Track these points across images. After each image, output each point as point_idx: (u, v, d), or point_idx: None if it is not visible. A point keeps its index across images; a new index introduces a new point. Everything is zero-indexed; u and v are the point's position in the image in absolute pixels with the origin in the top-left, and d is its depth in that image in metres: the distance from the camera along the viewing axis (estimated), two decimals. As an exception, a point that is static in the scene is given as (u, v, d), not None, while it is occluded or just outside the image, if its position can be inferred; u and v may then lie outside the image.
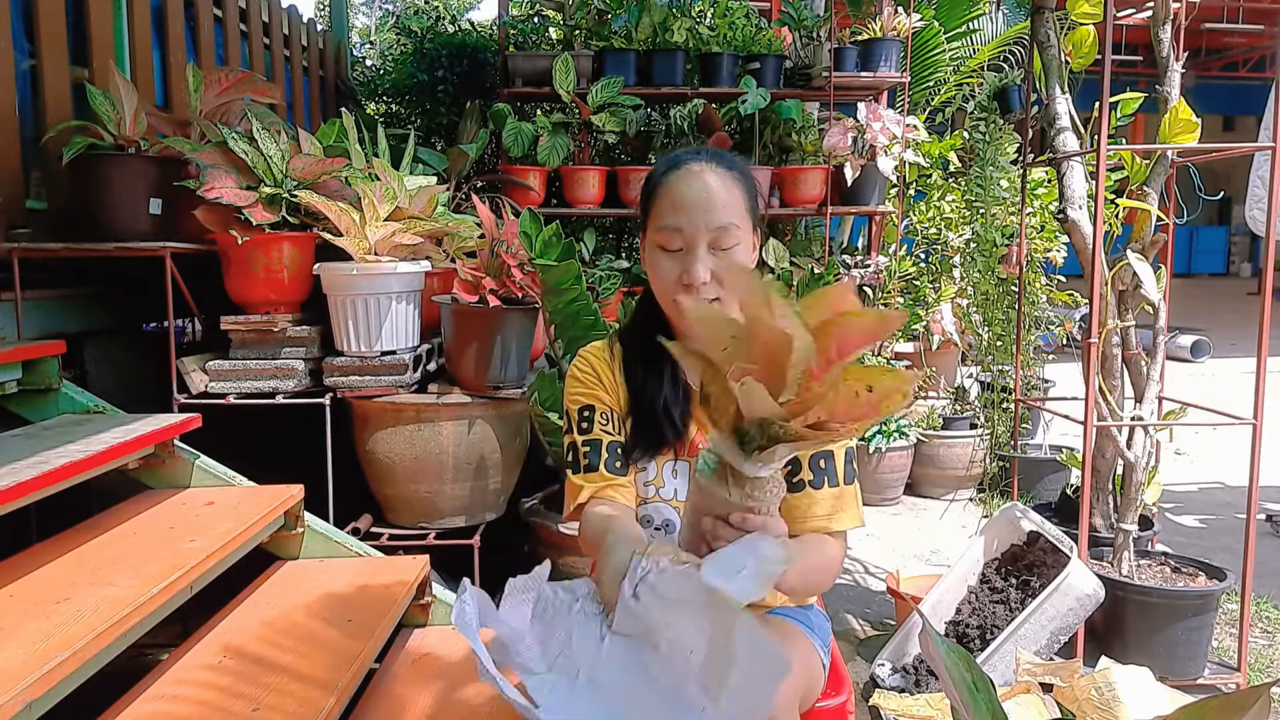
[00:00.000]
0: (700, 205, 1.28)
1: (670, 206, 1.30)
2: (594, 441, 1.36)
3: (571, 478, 1.37)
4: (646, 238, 1.36)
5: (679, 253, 1.30)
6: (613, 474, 1.35)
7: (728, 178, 1.31)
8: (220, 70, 2.81)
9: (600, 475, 1.34)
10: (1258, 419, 2.31)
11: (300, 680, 1.66)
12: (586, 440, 1.36)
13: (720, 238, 1.29)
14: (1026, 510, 2.54)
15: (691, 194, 1.29)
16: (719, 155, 1.35)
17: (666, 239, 1.30)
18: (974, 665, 0.83)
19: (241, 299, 2.48)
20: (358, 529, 2.50)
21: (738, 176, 1.33)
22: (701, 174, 1.30)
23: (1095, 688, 1.71)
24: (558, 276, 2.30)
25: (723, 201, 1.29)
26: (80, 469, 1.79)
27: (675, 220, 1.29)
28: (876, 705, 2.08)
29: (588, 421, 1.37)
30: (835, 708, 1.42)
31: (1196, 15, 2.62)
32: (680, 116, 4.33)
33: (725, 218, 1.29)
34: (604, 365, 1.42)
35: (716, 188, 1.29)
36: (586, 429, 1.37)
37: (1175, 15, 2.41)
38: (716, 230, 1.28)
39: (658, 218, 1.32)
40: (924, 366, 4.46)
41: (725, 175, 1.31)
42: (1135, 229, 2.52)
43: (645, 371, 1.37)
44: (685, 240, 1.29)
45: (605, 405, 1.38)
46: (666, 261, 1.31)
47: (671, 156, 1.36)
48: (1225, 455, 4.63)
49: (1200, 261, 16.49)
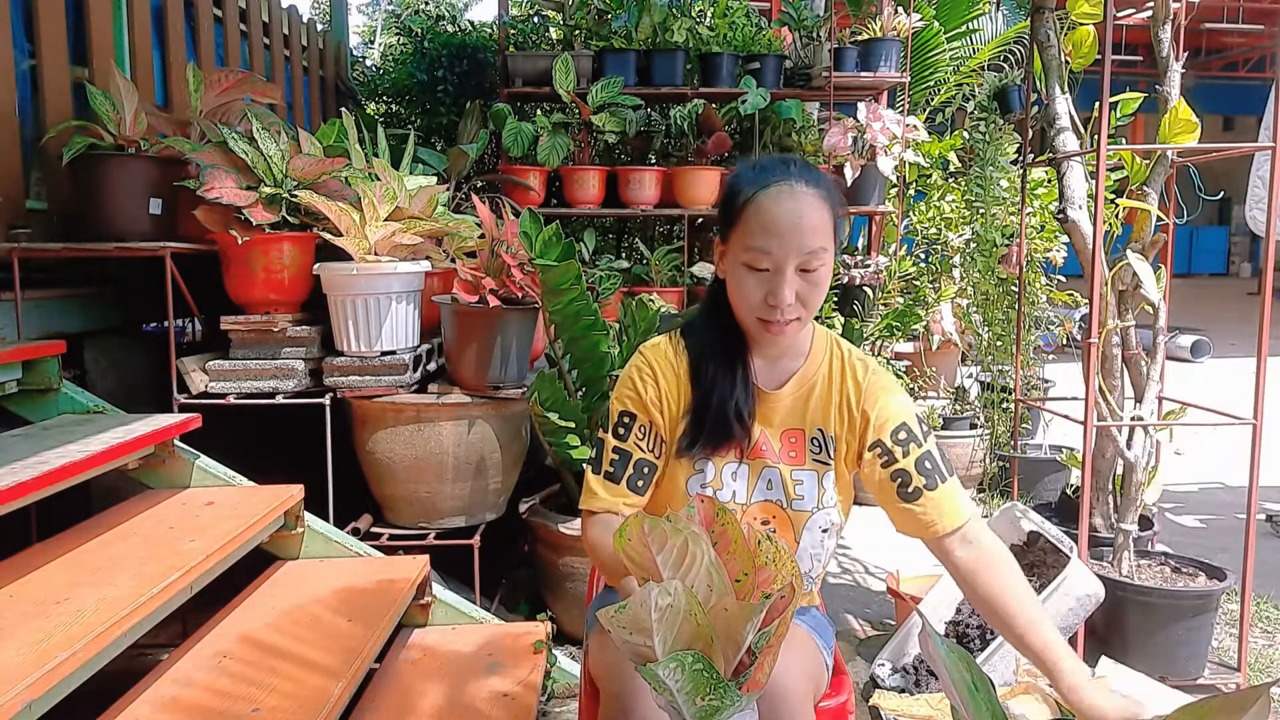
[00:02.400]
0: (792, 229, 1.26)
1: (761, 227, 1.27)
2: (624, 452, 1.37)
3: (591, 476, 1.39)
4: (729, 248, 1.34)
5: (765, 272, 1.28)
6: (631, 491, 1.36)
7: (817, 198, 1.29)
8: (220, 70, 2.82)
9: (620, 490, 1.36)
10: (1258, 419, 2.31)
11: (300, 680, 1.66)
12: (618, 449, 1.37)
13: (809, 261, 1.27)
14: (1026, 510, 2.54)
15: (785, 217, 1.26)
16: (807, 171, 1.32)
17: (754, 259, 1.28)
18: (974, 665, 0.83)
19: (241, 299, 2.47)
20: (358, 529, 2.50)
21: (825, 195, 1.31)
22: (794, 195, 1.27)
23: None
24: (558, 276, 2.30)
25: (813, 225, 1.27)
26: (80, 469, 1.79)
27: (765, 243, 1.27)
28: (876, 705, 2.08)
29: (625, 429, 1.37)
30: (835, 708, 1.42)
31: (1196, 15, 2.62)
32: (680, 116, 4.33)
33: (816, 242, 1.27)
34: (666, 363, 1.40)
35: (809, 210, 1.27)
36: (622, 435, 1.37)
37: (1175, 15, 2.41)
38: (807, 255, 1.27)
39: (746, 235, 1.29)
40: (924, 366, 4.46)
41: (815, 195, 1.29)
42: (1135, 229, 2.52)
43: (716, 369, 1.37)
44: (774, 262, 1.27)
45: (649, 417, 1.38)
46: (751, 280, 1.30)
47: (760, 169, 1.32)
48: (1225, 455, 4.62)
49: (1200, 261, 16.49)
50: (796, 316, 1.30)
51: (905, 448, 1.36)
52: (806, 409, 1.40)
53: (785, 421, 1.40)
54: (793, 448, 1.40)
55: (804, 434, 1.40)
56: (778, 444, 1.40)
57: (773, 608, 0.93)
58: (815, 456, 1.40)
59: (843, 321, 3.89)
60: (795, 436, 1.40)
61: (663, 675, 0.87)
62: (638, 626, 0.90)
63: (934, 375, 4.51)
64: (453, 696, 1.93)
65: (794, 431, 1.41)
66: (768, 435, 1.39)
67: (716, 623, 0.90)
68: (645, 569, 0.95)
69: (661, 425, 1.38)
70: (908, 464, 1.36)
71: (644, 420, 1.37)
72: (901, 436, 1.37)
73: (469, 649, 2.17)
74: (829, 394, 1.40)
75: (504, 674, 2.03)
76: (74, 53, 2.62)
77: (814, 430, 1.40)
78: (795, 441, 1.40)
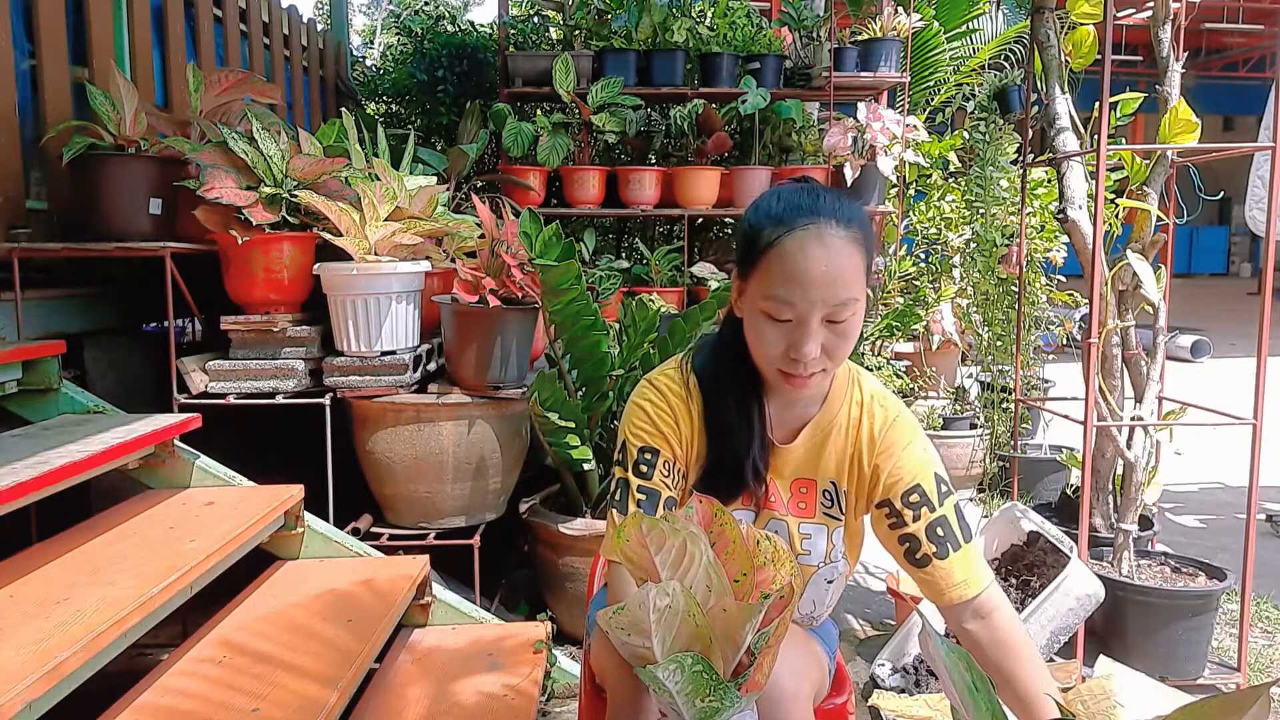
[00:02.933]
0: (820, 281, 1.13)
1: (783, 276, 1.14)
2: (652, 491, 1.27)
3: (617, 518, 1.28)
4: (748, 289, 1.21)
5: (787, 323, 1.17)
6: None
7: (850, 243, 1.16)
8: (220, 70, 2.81)
9: None
10: (1258, 419, 2.31)
11: (301, 679, 1.66)
12: (643, 488, 1.27)
13: (837, 312, 1.15)
14: (1026, 510, 2.54)
15: (812, 268, 1.13)
16: (837, 207, 1.17)
17: (776, 309, 1.16)
18: (974, 665, 0.83)
19: (241, 299, 2.47)
20: (358, 529, 2.50)
21: (858, 234, 1.17)
22: (823, 240, 1.14)
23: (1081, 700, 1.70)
24: (558, 276, 2.30)
25: (844, 275, 1.14)
26: (80, 469, 1.79)
27: (789, 294, 1.14)
28: (876, 705, 2.08)
29: (649, 466, 1.27)
30: (836, 708, 1.42)
31: (1196, 15, 2.62)
32: (680, 116, 4.33)
33: (846, 293, 1.15)
34: (680, 402, 1.31)
35: (839, 259, 1.14)
36: (647, 474, 1.27)
37: (1175, 15, 2.41)
38: (835, 306, 1.15)
39: (767, 283, 1.16)
40: (924, 366, 4.46)
41: (847, 239, 1.15)
42: (1135, 229, 2.52)
43: (731, 419, 1.28)
44: (798, 314, 1.15)
45: (671, 454, 1.29)
46: (772, 331, 1.18)
47: (787, 206, 1.18)
48: (1225, 455, 4.62)
49: (1200, 261, 16.49)
50: (821, 369, 1.19)
51: (916, 511, 1.26)
52: (820, 459, 1.32)
53: (797, 471, 1.32)
54: (803, 499, 1.33)
55: (815, 485, 1.32)
56: (787, 494, 1.33)
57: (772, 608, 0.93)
58: (826, 510, 1.33)
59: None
60: (807, 487, 1.33)
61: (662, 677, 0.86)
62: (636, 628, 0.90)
63: (934, 375, 4.51)
64: (453, 696, 1.93)
65: (805, 481, 1.33)
66: (777, 486, 1.32)
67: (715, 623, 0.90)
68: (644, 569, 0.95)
69: (683, 460, 1.31)
70: (917, 529, 1.26)
71: (667, 455, 1.28)
72: (914, 499, 1.26)
73: (469, 649, 2.17)
74: (844, 445, 1.31)
75: (504, 674, 2.03)
76: (74, 53, 2.62)
77: (826, 482, 1.32)
78: (806, 492, 1.33)
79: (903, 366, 4.21)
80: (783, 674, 1.21)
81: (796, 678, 1.25)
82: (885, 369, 4.12)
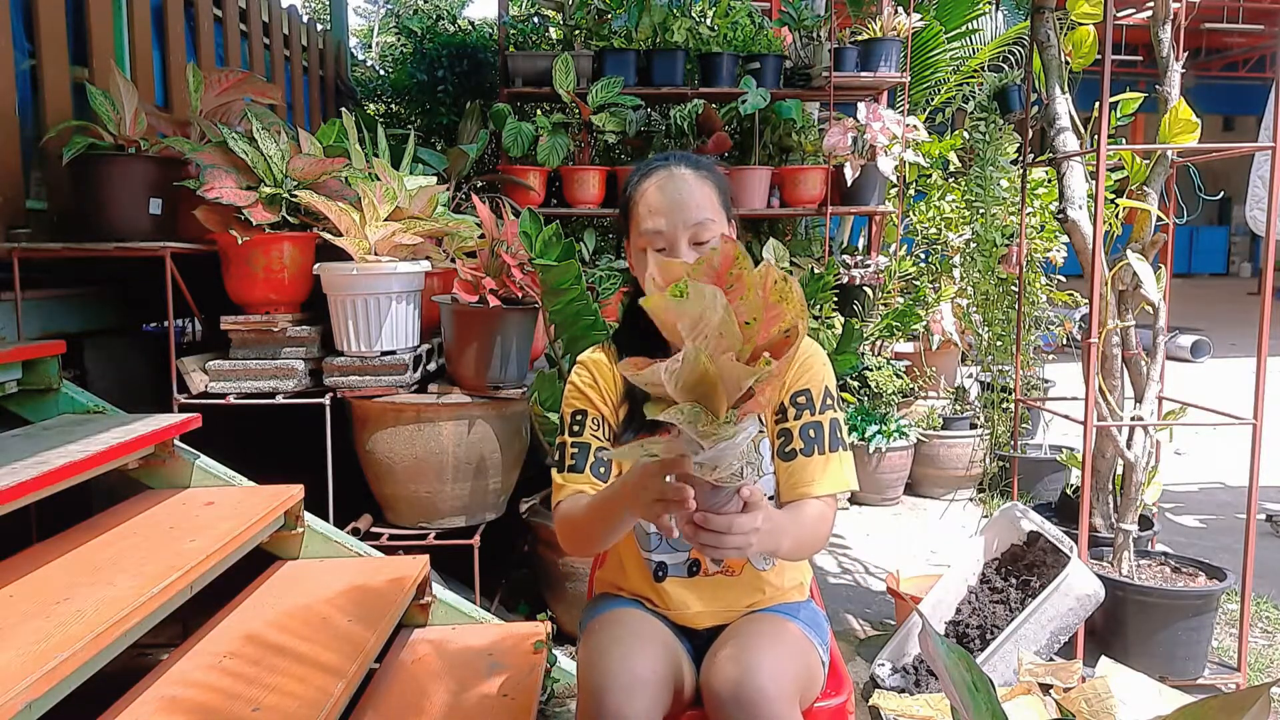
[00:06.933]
0: (676, 205, 1.38)
1: (648, 211, 1.39)
2: (583, 445, 1.44)
3: (556, 475, 1.45)
4: (631, 243, 1.46)
5: (662, 252, 1.38)
6: (595, 477, 1.42)
7: (697, 176, 1.41)
8: (220, 70, 2.81)
9: (584, 477, 1.42)
10: (1258, 419, 2.31)
11: (301, 680, 1.66)
12: (575, 443, 1.44)
13: (698, 232, 1.38)
14: (1026, 510, 2.54)
15: (666, 196, 1.38)
16: (685, 157, 1.46)
17: (649, 241, 1.39)
18: (974, 665, 0.83)
19: (241, 299, 2.47)
20: (358, 529, 2.50)
21: (706, 174, 1.42)
22: (672, 176, 1.40)
23: (1085, 699, 1.70)
24: (558, 276, 2.30)
25: (696, 199, 1.38)
26: (80, 469, 1.79)
27: (655, 223, 1.38)
28: (876, 705, 2.08)
29: (579, 425, 1.45)
30: (835, 708, 1.42)
31: (1196, 15, 2.62)
32: (680, 116, 4.33)
33: (700, 213, 1.38)
34: (604, 368, 1.49)
35: (688, 187, 1.39)
36: (577, 432, 1.45)
37: (1175, 15, 2.41)
38: (694, 226, 1.37)
39: (638, 223, 1.41)
40: (924, 366, 4.46)
41: (694, 174, 1.41)
42: (1135, 229, 2.52)
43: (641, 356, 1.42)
44: (667, 240, 1.38)
45: (598, 412, 1.46)
46: (651, 261, 1.35)
47: (642, 166, 1.46)
48: (1225, 455, 4.63)
49: (1200, 261, 16.49)
50: None
51: (799, 411, 1.42)
52: None
53: None
54: None
55: None
56: None
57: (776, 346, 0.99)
58: None
59: (843, 321, 3.89)
60: None
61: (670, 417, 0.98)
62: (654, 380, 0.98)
63: (934, 375, 4.51)
64: (453, 696, 1.93)
65: None
66: None
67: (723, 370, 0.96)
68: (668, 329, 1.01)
69: (611, 417, 1.46)
70: (794, 425, 1.41)
71: (594, 414, 1.45)
72: (800, 401, 1.42)
73: (469, 649, 2.17)
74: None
75: (504, 674, 2.03)
76: (74, 53, 2.62)
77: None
78: None
79: (903, 366, 4.22)
80: (760, 674, 1.22)
81: (776, 679, 1.23)
82: (885, 369, 4.12)
